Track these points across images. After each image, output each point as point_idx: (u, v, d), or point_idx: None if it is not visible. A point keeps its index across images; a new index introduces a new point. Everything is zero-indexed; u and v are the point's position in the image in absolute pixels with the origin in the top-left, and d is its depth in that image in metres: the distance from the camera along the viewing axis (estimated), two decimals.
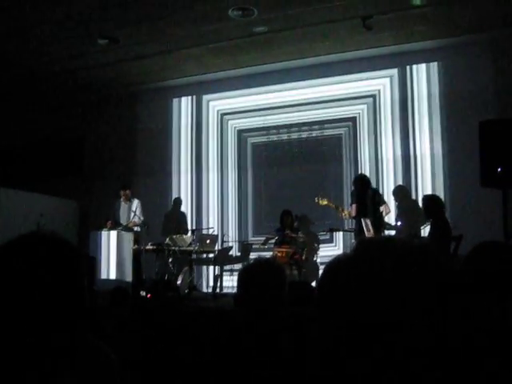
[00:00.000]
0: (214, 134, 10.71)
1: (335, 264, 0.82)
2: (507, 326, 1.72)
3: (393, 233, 8.65)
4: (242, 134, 10.49)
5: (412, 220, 8.62)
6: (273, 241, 9.00)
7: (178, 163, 10.90)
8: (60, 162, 11.51)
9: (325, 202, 8.53)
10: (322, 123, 9.85)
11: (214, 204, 10.54)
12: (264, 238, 9.13)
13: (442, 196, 8.19)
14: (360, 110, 9.61)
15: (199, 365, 2.34)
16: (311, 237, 9.25)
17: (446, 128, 8.92)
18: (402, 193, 9.08)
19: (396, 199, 9.05)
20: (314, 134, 9.91)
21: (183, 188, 10.78)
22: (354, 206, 8.20)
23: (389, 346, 0.73)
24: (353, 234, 8.48)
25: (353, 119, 9.65)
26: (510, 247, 2.31)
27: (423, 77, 9.22)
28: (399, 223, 8.67)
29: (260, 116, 10.29)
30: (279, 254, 8.55)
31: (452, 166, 8.78)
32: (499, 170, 5.63)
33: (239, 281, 2.39)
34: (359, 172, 9.21)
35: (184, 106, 11.03)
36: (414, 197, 8.99)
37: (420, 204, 7.78)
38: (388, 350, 0.73)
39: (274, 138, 10.21)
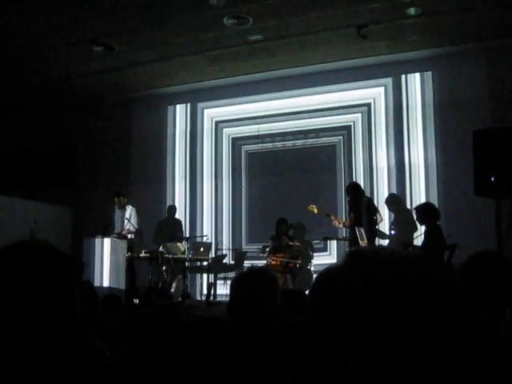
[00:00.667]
0: (209, 142, 10.72)
1: (326, 275, 0.81)
2: (502, 335, 1.72)
3: (386, 242, 8.66)
4: (236, 141, 10.49)
5: (406, 229, 8.63)
6: (268, 248, 8.99)
7: (172, 171, 10.89)
8: (54, 169, 11.48)
9: (316, 210, 8.54)
10: (316, 132, 9.86)
11: (207, 212, 10.53)
12: (261, 247, 9.12)
13: (437, 204, 8.21)
14: (354, 118, 9.63)
15: (192, 373, 2.33)
16: (306, 245, 9.24)
17: (440, 137, 8.95)
18: (396, 202, 9.08)
19: (389, 208, 9.05)
20: (309, 142, 9.92)
21: (177, 195, 10.77)
22: (352, 214, 8.17)
23: (380, 359, 0.73)
24: (347, 242, 8.48)
25: (347, 128, 9.67)
26: (504, 257, 2.32)
27: (417, 86, 9.25)
28: (393, 232, 8.68)
29: (255, 124, 10.29)
30: (274, 262, 8.54)
31: (446, 174, 8.79)
32: (493, 179, 5.64)
33: (232, 289, 2.39)
34: (353, 180, 9.23)
35: (179, 113, 11.04)
36: (408, 206, 8.99)
37: (413, 213, 7.79)
38: (379, 363, 0.73)
39: (269, 146, 10.21)
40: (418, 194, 8.99)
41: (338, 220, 8.46)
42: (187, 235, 9.91)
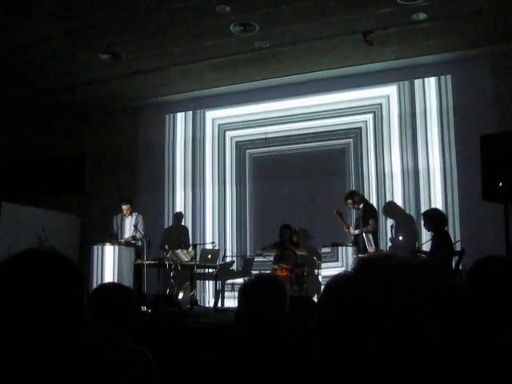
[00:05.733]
0: (215, 148, 10.71)
1: (336, 282, 0.81)
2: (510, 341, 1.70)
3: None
4: (241, 147, 10.47)
5: (411, 234, 8.62)
6: (271, 257, 9.02)
7: (178, 178, 10.90)
8: (62, 177, 11.52)
9: (338, 215, 8.53)
10: (323, 136, 9.82)
11: (213, 218, 10.52)
12: (261, 250, 9.16)
13: (448, 210, 8.20)
14: (362, 123, 9.60)
15: (200, 380, 2.32)
16: (311, 251, 9.22)
17: (450, 142, 8.92)
18: (396, 208, 9.09)
19: (389, 215, 9.05)
20: (316, 147, 9.86)
21: (183, 202, 10.76)
22: (372, 221, 8.21)
23: (391, 366, 0.72)
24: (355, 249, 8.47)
25: (355, 133, 9.64)
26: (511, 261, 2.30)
27: (426, 91, 9.22)
28: (400, 238, 8.65)
29: (260, 128, 10.27)
30: (279, 269, 8.53)
31: (456, 179, 8.75)
32: (501, 184, 5.62)
33: (240, 296, 2.38)
34: (363, 185, 9.26)
35: (184, 120, 11.05)
36: (416, 211, 8.92)
37: (421, 219, 7.79)
38: (389, 370, 0.72)
39: (275, 150, 10.15)
40: (430, 199, 8.94)
41: (351, 228, 8.49)
42: (193, 242, 9.92)
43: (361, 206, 8.52)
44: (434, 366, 0.72)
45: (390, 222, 9.04)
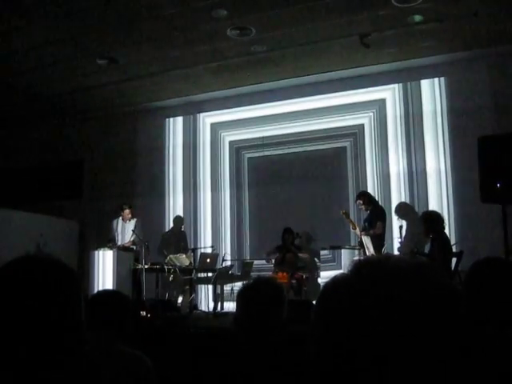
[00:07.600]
0: (212, 152, 10.71)
1: (332, 284, 0.81)
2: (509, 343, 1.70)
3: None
4: (240, 150, 10.48)
5: (415, 236, 8.59)
6: (273, 261, 8.99)
7: (176, 182, 10.90)
8: (60, 182, 11.51)
9: (345, 216, 8.50)
10: (321, 139, 9.82)
11: (211, 222, 10.51)
12: (265, 254, 9.12)
13: (445, 212, 8.18)
14: (360, 126, 9.60)
15: None
16: (313, 254, 9.20)
17: (449, 143, 8.91)
18: (405, 210, 9.04)
19: (401, 216, 8.99)
20: (314, 149, 9.85)
21: (181, 206, 10.75)
22: (380, 223, 8.18)
23: (386, 369, 0.72)
24: (355, 251, 8.46)
25: (353, 135, 9.63)
26: (510, 263, 2.31)
27: (425, 92, 9.22)
28: (405, 239, 8.63)
29: (258, 131, 10.26)
30: (280, 273, 8.52)
31: (455, 181, 8.75)
32: (498, 185, 5.63)
33: (239, 300, 2.38)
34: (360, 188, 9.22)
35: (182, 124, 11.05)
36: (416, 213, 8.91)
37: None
38: (385, 374, 0.72)
39: (273, 153, 10.14)
40: (428, 201, 8.92)
41: (358, 229, 8.47)
42: (192, 246, 9.90)
43: (370, 207, 8.50)
44: (432, 366, 0.72)
45: (398, 222, 8.94)
